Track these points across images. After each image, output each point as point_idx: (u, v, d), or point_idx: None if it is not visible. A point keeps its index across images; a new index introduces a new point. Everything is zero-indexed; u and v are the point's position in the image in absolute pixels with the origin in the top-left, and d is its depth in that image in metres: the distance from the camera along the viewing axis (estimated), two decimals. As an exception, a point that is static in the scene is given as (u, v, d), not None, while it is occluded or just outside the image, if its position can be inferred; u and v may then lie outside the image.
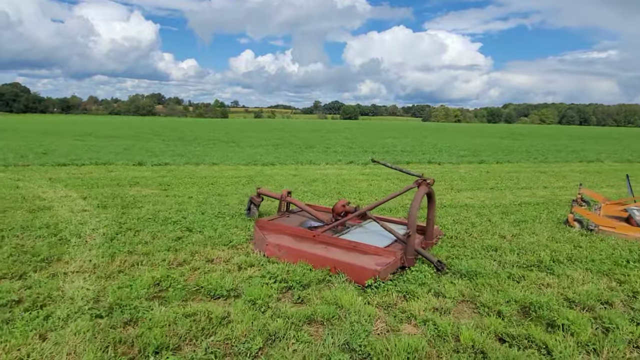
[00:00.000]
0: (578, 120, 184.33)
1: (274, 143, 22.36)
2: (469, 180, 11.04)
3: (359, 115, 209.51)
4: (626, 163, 16.89)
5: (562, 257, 4.87)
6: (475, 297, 3.71)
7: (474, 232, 5.87)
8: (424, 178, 4.62)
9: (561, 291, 3.89)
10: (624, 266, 4.65)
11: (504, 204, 8.00)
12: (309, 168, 12.70)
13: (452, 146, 22.77)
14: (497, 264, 4.63)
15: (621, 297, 3.81)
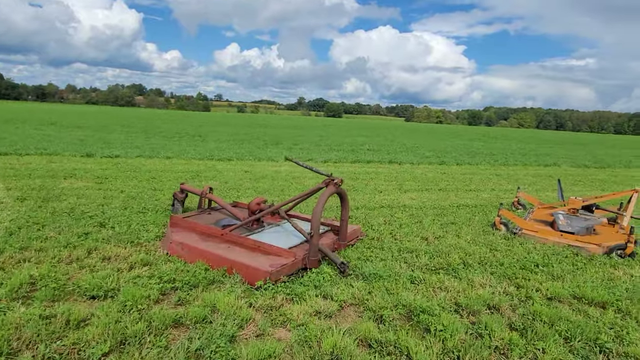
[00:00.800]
0: (555, 125, 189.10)
1: (242, 138, 22.05)
2: (421, 181, 11.08)
3: (343, 113, 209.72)
4: (582, 168, 17.33)
5: (474, 261, 4.88)
6: (364, 301, 3.64)
7: (398, 234, 5.84)
8: (332, 178, 4.53)
9: (454, 295, 3.86)
10: (530, 270, 4.68)
11: (443, 205, 8.03)
12: (265, 165, 12.53)
13: (421, 146, 22.94)
14: (406, 266, 4.59)
15: (511, 302, 3.82)
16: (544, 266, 4.83)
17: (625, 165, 19.15)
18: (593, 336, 3.22)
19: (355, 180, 10.44)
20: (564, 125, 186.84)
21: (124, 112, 60.89)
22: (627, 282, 4.52)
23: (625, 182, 13.40)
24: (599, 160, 20.25)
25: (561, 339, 3.19)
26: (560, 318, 3.47)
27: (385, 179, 11.02)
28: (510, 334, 3.16)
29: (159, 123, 33.24)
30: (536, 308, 3.62)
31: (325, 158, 14.86)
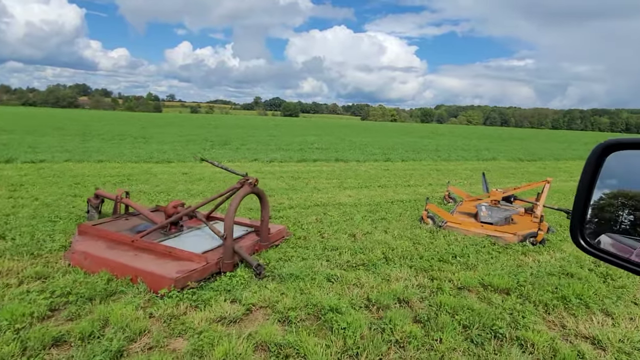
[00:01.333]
0: (499, 122, 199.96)
1: (189, 139, 21.32)
2: (362, 178, 11.22)
3: (300, 112, 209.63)
4: (516, 161, 18.42)
5: (395, 255, 4.96)
6: (275, 303, 3.56)
7: (327, 232, 5.82)
8: (247, 178, 4.41)
9: (367, 291, 3.88)
10: (447, 262, 4.82)
11: (379, 201, 8.15)
12: (205, 166, 12.13)
13: (370, 144, 23.35)
14: (327, 264, 4.56)
15: (422, 294, 3.89)
16: (461, 257, 5.00)
17: (555, 158, 20.60)
18: (490, 323, 3.34)
19: (296, 180, 10.37)
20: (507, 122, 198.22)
21: (63, 114, 56.98)
22: (534, 267, 4.78)
23: (552, 174, 14.36)
24: (532, 154, 21.65)
25: (460, 327, 3.28)
26: (463, 307, 3.57)
27: (327, 177, 11.05)
28: (412, 327, 3.20)
29: (100, 125, 31.35)
30: (442, 299, 3.71)
31: (272, 158, 14.68)
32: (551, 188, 10.90)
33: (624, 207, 1.06)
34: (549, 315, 3.64)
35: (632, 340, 3.21)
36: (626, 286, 4.33)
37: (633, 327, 3.47)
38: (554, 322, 3.51)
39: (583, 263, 4.98)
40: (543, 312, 3.68)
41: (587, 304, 3.84)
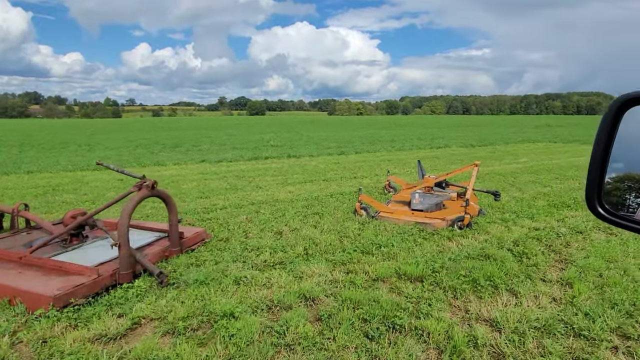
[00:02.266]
0: (461, 110, 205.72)
1: (138, 144, 20.45)
2: (309, 173, 11.06)
3: (266, 110, 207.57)
4: (468, 147, 18.86)
5: (317, 251, 4.80)
6: (167, 314, 3.30)
7: (253, 231, 5.59)
8: (144, 181, 4.10)
9: (274, 292, 3.68)
10: (370, 253, 4.71)
11: (319, 196, 8.00)
12: (149, 170, 11.59)
13: (328, 139, 23.27)
14: (242, 266, 4.33)
15: (332, 290, 3.73)
16: (385, 247, 4.91)
17: (505, 142, 21.27)
18: (392, 314, 3.23)
19: (240, 179, 10.07)
20: (469, 110, 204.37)
21: (8, 125, 53.62)
22: (455, 252, 4.75)
23: (500, 157, 14.78)
24: (483, 139, 22.26)
25: (360, 322, 3.15)
26: (369, 300, 3.45)
27: (273, 174, 10.81)
28: (307, 327, 3.04)
29: (43, 134, 29.61)
30: (350, 293, 3.57)
31: (221, 158, 14.27)
32: (494, 171, 11.17)
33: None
34: (456, 300, 3.59)
35: (530, 319, 3.19)
36: (538, 264, 4.36)
37: (535, 305, 3.47)
38: (459, 307, 3.45)
39: (504, 243, 5.02)
40: (451, 298, 3.62)
41: (496, 285, 3.82)
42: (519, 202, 7.40)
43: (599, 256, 4.54)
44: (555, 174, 10.72)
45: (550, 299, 3.59)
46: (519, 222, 6.01)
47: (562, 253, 4.75)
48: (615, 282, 3.80)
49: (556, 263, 4.48)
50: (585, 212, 6.67)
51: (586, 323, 3.11)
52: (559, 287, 3.83)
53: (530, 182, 9.40)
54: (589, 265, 4.25)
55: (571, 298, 3.56)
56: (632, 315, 3.24)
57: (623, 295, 3.53)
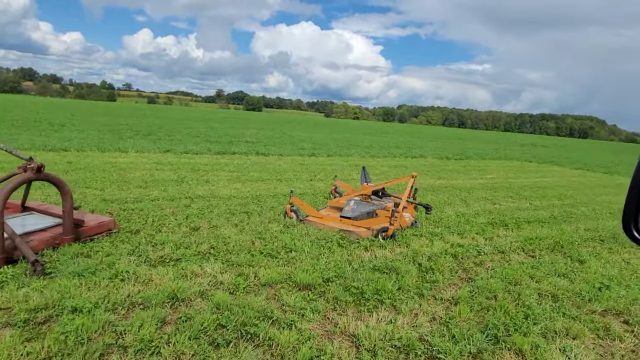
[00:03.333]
0: (457, 123, 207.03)
1: (113, 129, 20.13)
2: (268, 171, 10.92)
3: (263, 107, 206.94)
4: (443, 159, 18.86)
5: (222, 250, 4.66)
6: (16, 305, 3.12)
7: (169, 225, 5.43)
8: (29, 162, 3.93)
9: (136, 291, 3.51)
10: (274, 257, 4.59)
11: (260, 195, 7.86)
12: (106, 155, 11.33)
13: (307, 139, 23.15)
14: (134, 260, 4.17)
15: (210, 293, 3.60)
16: (295, 251, 4.78)
17: (481, 157, 21.33)
18: (252, 322, 3.10)
19: (194, 172, 9.87)
20: (465, 123, 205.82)
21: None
22: (364, 262, 4.64)
23: (466, 171, 14.77)
24: (461, 153, 22.30)
25: (214, 327, 3.01)
26: (240, 306, 3.31)
27: (230, 170, 10.64)
28: (151, 330, 2.89)
29: (20, 110, 29.07)
30: (223, 297, 3.44)
31: (188, 149, 14.05)
32: (453, 184, 11.13)
33: None
34: (333, 312, 3.47)
35: (393, 338, 3.08)
36: (438, 281, 4.27)
37: (409, 323, 3.37)
38: (331, 320, 3.34)
39: (417, 257, 4.92)
40: (330, 309, 3.50)
41: (382, 299, 3.72)
42: (459, 217, 7.33)
43: (503, 277, 4.47)
44: (513, 192, 10.71)
45: (430, 318, 3.49)
46: (445, 237, 5.93)
47: (469, 271, 4.67)
48: (502, 305, 3.71)
49: (458, 281, 4.39)
50: (517, 232, 6.63)
51: (448, 345, 3.01)
52: (445, 306, 3.73)
53: (482, 199, 9.36)
54: (487, 286, 4.17)
55: (449, 319, 3.46)
56: (499, 341, 3.15)
57: (501, 320, 3.44)
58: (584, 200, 10.35)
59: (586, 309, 3.87)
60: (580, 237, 6.59)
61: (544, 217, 7.95)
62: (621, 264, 5.36)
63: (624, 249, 6.08)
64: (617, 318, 3.79)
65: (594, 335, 3.43)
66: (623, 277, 4.85)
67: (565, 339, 3.29)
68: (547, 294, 4.14)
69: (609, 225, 7.64)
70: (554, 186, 12.67)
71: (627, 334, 3.47)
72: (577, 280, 4.56)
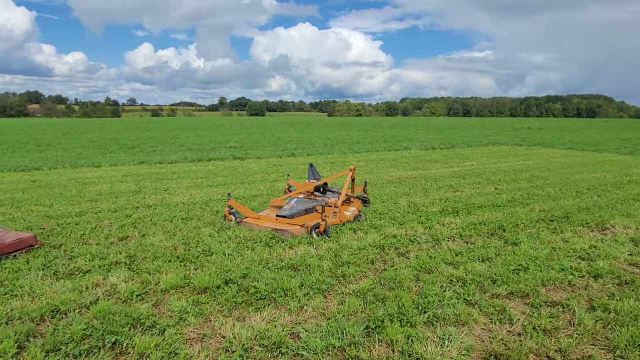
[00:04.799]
0: (462, 112, 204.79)
1: (100, 144, 20.36)
2: (234, 175, 10.89)
3: (266, 111, 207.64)
4: (429, 150, 18.62)
5: (138, 258, 4.63)
6: None
7: (99, 236, 5.42)
8: None
9: (19, 305, 3.50)
10: (189, 261, 4.55)
11: (213, 199, 7.82)
12: (76, 171, 11.43)
13: (294, 140, 23.10)
14: (40, 274, 4.15)
15: (98, 302, 3.56)
16: (216, 254, 4.73)
17: (468, 144, 21.02)
18: (120, 330, 3.05)
19: (158, 181, 9.89)
20: (469, 112, 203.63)
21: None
22: (283, 261, 4.56)
23: (447, 161, 14.55)
24: (448, 142, 22.01)
25: (77, 339, 2.96)
26: (120, 313, 3.27)
27: (197, 177, 10.64)
28: (1, 347, 2.86)
29: (14, 133, 29.59)
30: (104, 306, 3.39)
31: (164, 159, 14.11)
32: (423, 175, 10.97)
33: None
34: (220, 313, 3.41)
35: (264, 337, 3.01)
36: (348, 275, 4.18)
37: (291, 320, 3.28)
38: (210, 323, 3.27)
39: (341, 253, 4.81)
40: (217, 312, 3.44)
41: (275, 297, 3.65)
42: (410, 207, 7.20)
43: (419, 266, 4.35)
44: (483, 178, 10.50)
45: (318, 314, 3.41)
46: (383, 229, 5.81)
47: (388, 262, 4.56)
48: (398, 295, 3.60)
49: (370, 273, 4.29)
50: (464, 218, 6.47)
51: (316, 341, 2.93)
52: (340, 300, 3.64)
53: (445, 187, 9.19)
54: (395, 276, 4.06)
55: (337, 313, 3.37)
56: (372, 334, 3.05)
57: (388, 311, 3.34)
58: (555, 181, 10.10)
59: (490, 293, 3.73)
60: (530, 219, 6.41)
61: (502, 201, 7.76)
62: (558, 244, 5.18)
63: (569, 228, 5.90)
64: (520, 300, 3.65)
65: (487, 320, 3.31)
66: (551, 257, 4.68)
67: (451, 326, 3.17)
68: (457, 280, 4.01)
69: (567, 204, 7.42)
70: (531, 168, 12.39)
71: (522, 316, 3.33)
72: (497, 264, 4.41)
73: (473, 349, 2.89)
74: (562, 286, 3.96)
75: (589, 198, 8.08)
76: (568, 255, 4.78)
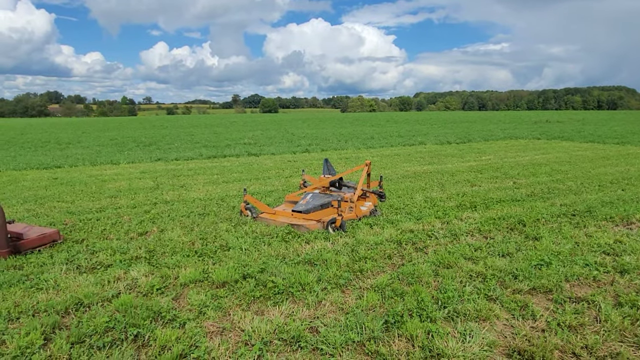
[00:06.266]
0: (477, 106, 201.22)
1: (118, 142, 20.76)
2: (250, 171, 10.96)
3: (279, 107, 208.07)
4: (444, 145, 18.37)
5: (157, 253, 4.71)
6: None
7: (119, 232, 5.52)
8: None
9: (45, 298, 3.58)
10: (208, 256, 4.59)
11: (229, 195, 7.88)
12: (96, 169, 11.68)
13: (308, 136, 23.09)
14: (64, 268, 4.26)
15: (119, 298, 3.63)
16: (233, 249, 4.77)
17: (485, 138, 20.65)
18: (142, 323, 3.10)
19: (173, 178, 10.02)
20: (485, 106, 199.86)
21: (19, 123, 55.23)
22: (300, 255, 4.56)
23: (463, 155, 14.33)
24: (465, 136, 21.66)
25: (101, 331, 3.02)
26: (142, 307, 3.32)
27: (213, 173, 10.75)
28: (34, 335, 2.93)
29: (36, 132, 30.38)
30: (126, 300, 3.45)
31: (180, 156, 14.31)
32: (440, 169, 10.82)
33: None
34: (238, 307, 3.42)
35: (283, 331, 3.01)
36: (365, 270, 4.15)
37: (309, 314, 3.28)
38: (229, 317, 3.29)
39: (358, 248, 4.79)
40: (235, 306, 3.46)
41: (293, 292, 3.64)
42: (427, 202, 7.12)
43: (437, 261, 4.29)
44: (501, 172, 10.31)
45: (336, 308, 3.40)
46: (400, 224, 5.75)
47: (405, 257, 4.51)
48: (417, 290, 3.56)
49: (388, 268, 4.25)
50: (482, 213, 6.36)
51: (335, 336, 2.92)
52: (356, 295, 3.61)
53: (462, 182, 9.05)
54: (413, 271, 4.02)
55: (355, 308, 3.35)
56: (391, 328, 3.02)
57: (407, 306, 3.30)
58: (577, 175, 9.83)
59: (512, 289, 3.66)
60: (551, 213, 6.25)
61: (521, 195, 7.60)
62: (581, 238, 5.04)
63: (592, 223, 5.73)
64: (543, 296, 3.56)
65: (509, 316, 3.24)
66: (574, 252, 4.56)
67: (472, 321, 3.12)
68: (476, 276, 3.94)
69: (590, 199, 7.22)
70: (551, 162, 12.10)
71: (545, 312, 3.26)
72: (518, 259, 4.32)
73: (495, 344, 2.84)
74: (587, 282, 3.85)
75: (612, 192, 7.84)
76: (592, 250, 4.65)
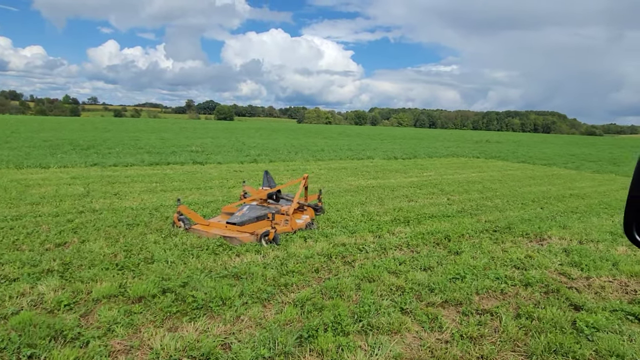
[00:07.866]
0: (428, 124, 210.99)
1: (52, 144, 19.32)
2: (193, 181, 10.66)
3: (235, 115, 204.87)
4: (390, 160, 19.03)
5: (73, 265, 4.42)
6: None
7: (34, 242, 5.12)
8: None
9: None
10: (129, 269, 4.38)
11: (164, 205, 7.60)
12: (21, 172, 10.78)
13: (258, 146, 22.93)
14: (-38, 282, 3.87)
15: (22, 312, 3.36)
16: (156, 262, 4.59)
17: (429, 155, 21.68)
18: (37, 342, 2.89)
19: (108, 185, 9.49)
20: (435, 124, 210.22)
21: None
22: (227, 268, 4.49)
23: (407, 171, 14.92)
24: (411, 152, 22.60)
25: (-10, 352, 2.78)
26: (43, 325, 3.09)
27: (152, 181, 10.31)
28: None
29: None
30: (20, 318, 3.19)
31: (119, 162, 13.59)
32: (382, 184, 11.17)
33: None
34: (152, 324, 3.29)
35: (194, 348, 2.94)
36: (290, 284, 4.17)
37: (225, 330, 3.24)
38: (140, 334, 3.16)
39: (288, 261, 4.80)
40: (149, 322, 3.33)
41: (212, 307, 3.57)
42: (364, 216, 7.31)
43: (362, 275, 4.42)
44: (438, 188, 10.85)
45: (254, 323, 3.37)
46: (334, 238, 5.86)
47: (332, 271, 4.60)
48: (336, 304, 3.63)
49: (313, 281, 4.31)
50: (414, 228, 6.65)
51: (246, 352, 2.90)
52: (277, 310, 3.62)
53: (401, 197, 9.42)
54: (337, 285, 4.10)
55: (272, 323, 3.35)
56: (304, 343, 3.05)
57: (324, 320, 3.36)
58: (505, 193, 10.60)
59: (426, 302, 3.85)
60: (475, 229, 6.68)
61: (452, 211, 8.04)
62: (497, 253, 5.43)
63: (509, 239, 6.19)
64: (454, 309, 3.78)
65: (419, 328, 3.40)
66: (488, 267, 4.90)
67: (383, 334, 3.24)
68: (396, 289, 4.11)
69: (512, 216, 7.80)
70: (484, 180, 12.94)
71: (452, 324, 3.46)
72: (437, 273, 4.56)
73: (401, 356, 2.96)
74: (495, 294, 4.14)
75: (532, 210, 8.53)
76: (504, 264, 5.02)
